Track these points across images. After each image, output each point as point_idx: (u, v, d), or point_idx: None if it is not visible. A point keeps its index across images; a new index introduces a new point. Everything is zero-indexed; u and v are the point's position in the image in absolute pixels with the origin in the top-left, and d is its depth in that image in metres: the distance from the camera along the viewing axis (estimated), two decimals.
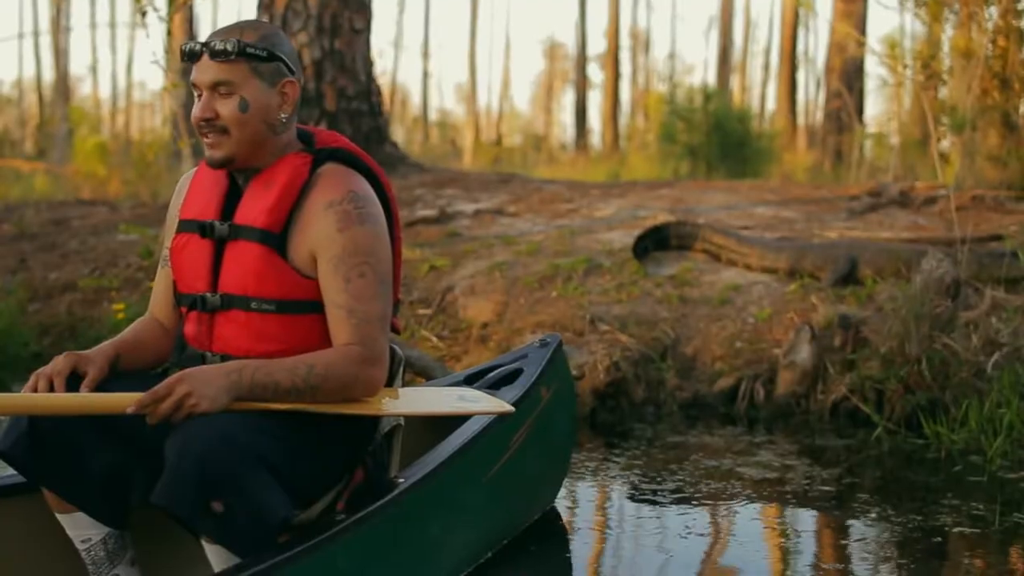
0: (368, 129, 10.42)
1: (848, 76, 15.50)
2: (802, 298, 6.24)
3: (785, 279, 6.57)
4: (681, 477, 4.51)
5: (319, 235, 2.60)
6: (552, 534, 3.76)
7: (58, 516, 2.75)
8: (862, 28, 15.40)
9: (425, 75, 39.05)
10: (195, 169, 2.85)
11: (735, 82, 32.67)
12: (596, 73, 40.16)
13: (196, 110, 2.62)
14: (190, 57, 2.64)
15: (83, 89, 37.57)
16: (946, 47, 9.53)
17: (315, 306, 2.63)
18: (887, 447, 4.95)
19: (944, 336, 5.25)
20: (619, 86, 23.92)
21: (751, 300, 6.35)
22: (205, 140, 2.64)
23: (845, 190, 9.15)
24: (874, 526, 3.90)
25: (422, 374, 5.28)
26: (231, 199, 2.71)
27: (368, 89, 10.53)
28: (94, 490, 2.69)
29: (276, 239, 2.62)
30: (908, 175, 10.14)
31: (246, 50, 2.60)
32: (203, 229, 2.68)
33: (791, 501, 4.22)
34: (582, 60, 30.99)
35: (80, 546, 2.75)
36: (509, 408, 3.05)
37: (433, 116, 42.51)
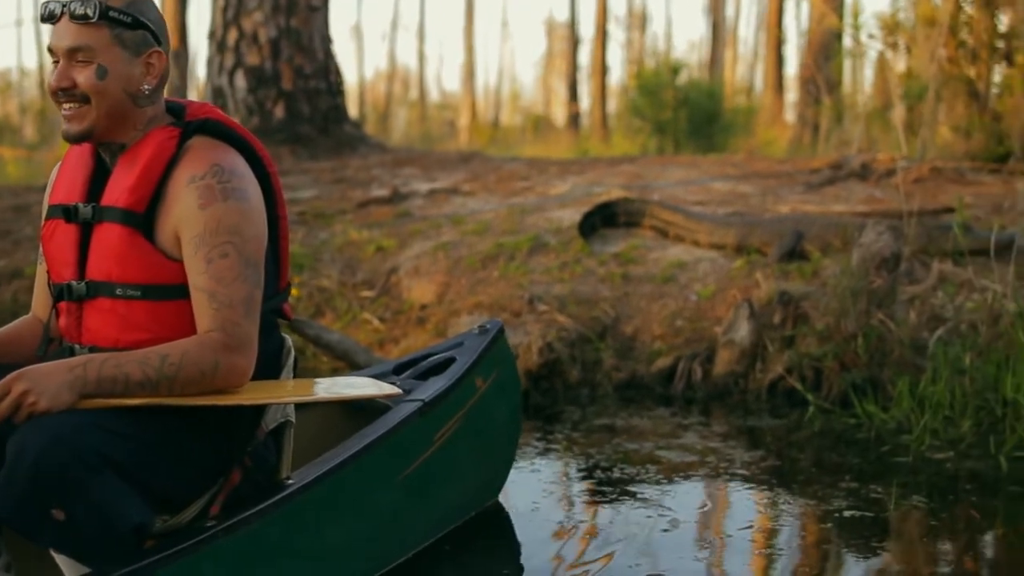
0: (327, 108, 10.25)
1: (826, 48, 15.29)
2: (747, 275, 6.07)
3: (732, 255, 6.40)
4: (598, 460, 4.37)
5: (181, 213, 2.43)
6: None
7: None
8: None
9: (421, 57, 38.60)
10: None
11: (727, 57, 32.44)
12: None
13: (52, 79, 2.44)
14: (48, 18, 2.46)
15: None
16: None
17: (184, 291, 2.46)
18: (819, 427, 4.80)
19: (881, 312, 5.09)
20: (606, 64, 23.70)
21: (696, 277, 6.19)
22: (63, 112, 2.47)
23: (808, 163, 8.98)
24: (784, 510, 3.76)
25: (344, 359, 5.11)
26: (98, 180, 2.55)
27: (326, 67, 10.34)
28: None
29: (140, 219, 2.45)
30: (873, 147, 9.97)
31: (108, 13, 2.42)
32: (68, 213, 2.52)
33: (706, 485, 4.07)
34: (573, 38, 30.80)
35: None
36: (395, 391, 2.86)
37: (436, 98, 42.21)
